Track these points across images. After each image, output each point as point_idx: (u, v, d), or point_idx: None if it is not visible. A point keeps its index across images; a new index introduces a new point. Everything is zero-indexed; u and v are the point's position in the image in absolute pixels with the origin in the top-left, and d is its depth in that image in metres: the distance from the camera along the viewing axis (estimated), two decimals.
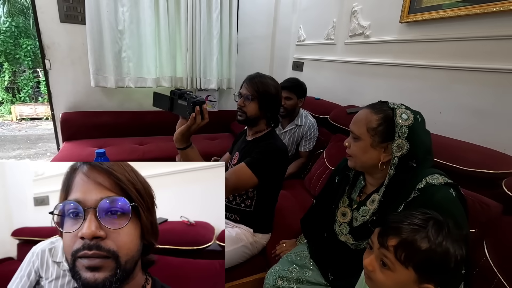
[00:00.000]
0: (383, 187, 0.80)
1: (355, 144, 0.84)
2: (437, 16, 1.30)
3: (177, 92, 0.89)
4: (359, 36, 1.86)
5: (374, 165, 0.82)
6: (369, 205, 0.86)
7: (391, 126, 0.77)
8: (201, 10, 2.33)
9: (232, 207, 1.22)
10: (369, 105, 0.85)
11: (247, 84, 1.13)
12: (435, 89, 1.38)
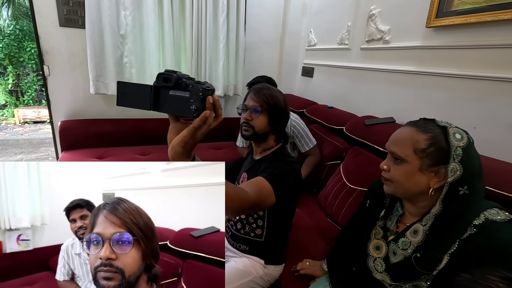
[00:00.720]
0: (431, 217, 0.68)
1: (397, 168, 0.72)
2: (472, 20, 1.16)
3: (171, 76, 0.51)
4: (377, 41, 1.73)
5: (420, 192, 0.71)
6: (410, 236, 0.73)
7: (443, 148, 0.66)
8: (207, 14, 2.22)
9: (240, 236, 1.09)
10: (410, 123, 0.74)
11: (254, 95, 1.00)
12: (468, 101, 1.24)
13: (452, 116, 1.30)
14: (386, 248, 0.79)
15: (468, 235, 0.62)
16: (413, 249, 0.71)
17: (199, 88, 0.50)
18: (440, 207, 0.67)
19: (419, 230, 0.71)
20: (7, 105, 6.76)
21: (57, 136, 2.15)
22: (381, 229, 0.83)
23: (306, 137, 1.73)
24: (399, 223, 0.79)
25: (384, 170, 0.75)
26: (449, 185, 0.66)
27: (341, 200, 1.40)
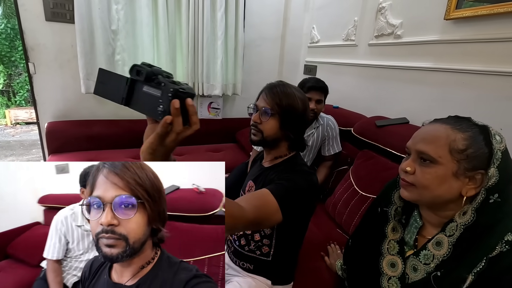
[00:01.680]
0: (460, 228, 0.59)
1: (425, 171, 0.61)
2: (499, 10, 1.05)
3: (144, 69, 0.44)
4: (387, 36, 1.61)
5: (450, 200, 0.61)
6: (433, 249, 0.63)
7: (483, 150, 0.57)
8: (204, 9, 2.09)
9: (243, 253, 0.95)
10: (441, 120, 0.64)
11: (266, 94, 0.86)
12: (493, 100, 1.13)
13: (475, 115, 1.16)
14: (402, 265, 0.69)
15: (499, 253, 0.53)
16: (436, 263, 0.62)
17: (170, 88, 0.43)
18: (473, 217, 0.58)
19: (443, 241, 0.62)
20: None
21: (44, 138, 2.01)
22: (396, 243, 0.72)
23: (336, 141, 1.62)
24: (418, 236, 0.69)
25: (407, 172, 0.64)
26: (486, 192, 0.57)
27: (352, 208, 1.28)
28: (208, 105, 2.47)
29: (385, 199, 0.78)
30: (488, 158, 0.57)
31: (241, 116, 2.59)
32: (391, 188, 0.77)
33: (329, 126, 1.61)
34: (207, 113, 2.48)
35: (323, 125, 1.60)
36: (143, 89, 0.46)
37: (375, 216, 0.80)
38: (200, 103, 2.44)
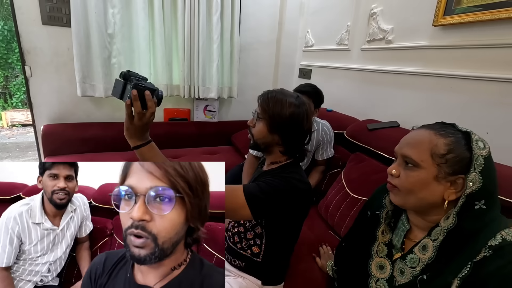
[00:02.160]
0: (443, 232, 0.61)
1: (409, 174, 0.64)
2: (485, 17, 1.08)
3: (123, 73, 0.71)
4: (379, 41, 1.64)
5: (433, 204, 0.63)
6: (419, 252, 0.65)
7: (464, 155, 0.59)
8: (200, 13, 2.11)
9: (236, 250, 0.98)
10: (427, 126, 0.66)
11: (259, 99, 0.90)
12: (480, 104, 1.16)
13: (462, 120, 1.20)
14: (390, 268, 0.71)
15: (483, 258, 0.54)
16: (422, 267, 0.63)
17: (133, 83, 0.69)
18: (454, 221, 0.59)
19: (428, 245, 0.63)
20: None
21: (40, 141, 2.02)
22: (385, 246, 0.75)
23: (330, 146, 1.65)
24: (406, 239, 0.71)
25: (393, 175, 0.67)
26: (466, 197, 0.58)
27: (344, 211, 1.30)
28: (204, 108, 2.49)
29: (377, 202, 0.80)
30: (469, 163, 0.59)
31: (237, 119, 2.62)
32: (382, 191, 0.79)
33: (323, 131, 1.63)
34: (203, 116, 2.50)
35: (317, 130, 1.63)
36: (128, 87, 0.70)
37: (366, 219, 0.82)
38: (196, 106, 2.46)
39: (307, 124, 0.89)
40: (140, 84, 0.69)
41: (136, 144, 0.74)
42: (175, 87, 2.28)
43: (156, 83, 2.17)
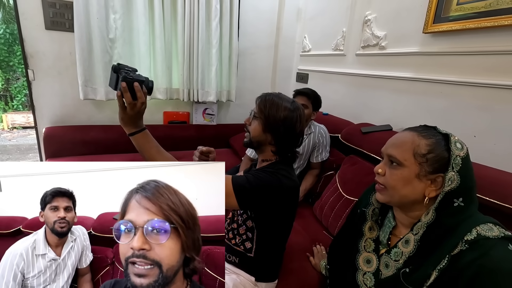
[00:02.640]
0: (423, 226, 0.65)
1: (393, 172, 0.69)
2: (471, 26, 1.13)
3: (113, 66, 0.77)
4: (373, 47, 1.69)
5: (415, 201, 0.68)
6: (402, 246, 0.70)
7: (443, 155, 0.64)
8: (199, 18, 2.17)
9: (230, 246, 1.02)
10: (411, 128, 0.71)
11: (257, 100, 0.96)
12: (468, 109, 1.20)
13: (451, 123, 1.26)
14: (377, 262, 0.76)
15: (459, 251, 0.59)
16: (404, 260, 0.68)
17: (122, 75, 0.73)
18: (433, 216, 0.64)
19: (410, 239, 0.68)
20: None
21: (41, 143, 2.06)
22: (372, 241, 0.79)
23: (325, 149, 1.70)
24: (391, 235, 0.76)
25: (379, 174, 0.72)
26: (444, 194, 0.63)
27: (337, 211, 1.34)
28: (203, 111, 2.53)
29: (364, 200, 0.85)
30: (447, 162, 0.63)
31: (235, 122, 2.66)
32: (370, 191, 0.85)
33: (320, 134, 1.68)
34: (201, 119, 2.54)
35: (314, 133, 1.67)
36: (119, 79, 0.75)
37: (355, 216, 0.86)
38: (195, 109, 2.50)
39: (299, 128, 0.93)
40: (128, 76, 0.73)
41: (131, 131, 0.80)
42: (174, 91, 2.32)
43: (156, 86, 2.22)
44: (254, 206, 0.89)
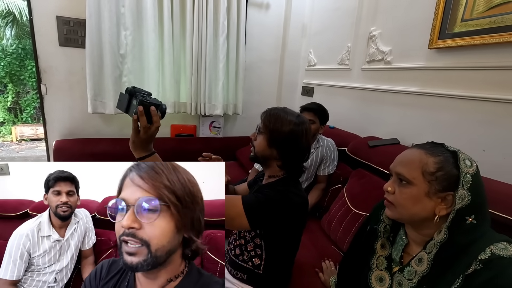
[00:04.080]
0: (436, 245, 0.64)
1: (403, 191, 0.68)
2: (476, 42, 1.15)
3: (129, 89, 0.76)
4: (378, 62, 1.72)
5: (426, 219, 0.67)
6: (415, 265, 0.68)
7: (452, 173, 0.63)
8: (207, 34, 2.23)
9: (237, 263, 1.01)
10: (417, 145, 0.71)
11: (262, 115, 0.96)
12: (476, 123, 1.20)
13: (460, 138, 1.26)
14: (389, 280, 0.74)
15: (473, 271, 0.57)
16: (418, 279, 0.67)
17: (139, 99, 0.73)
18: (446, 234, 0.63)
19: (423, 258, 0.67)
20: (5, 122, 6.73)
21: (51, 155, 2.09)
22: (384, 259, 0.78)
23: (332, 162, 1.70)
24: (404, 253, 0.75)
25: (388, 192, 0.71)
26: (455, 212, 0.62)
27: (346, 226, 1.33)
28: (210, 124, 2.56)
29: (375, 217, 0.84)
30: (457, 180, 0.63)
31: (242, 135, 2.68)
32: (380, 207, 0.84)
33: (328, 147, 1.69)
34: (208, 132, 2.57)
35: (322, 147, 1.68)
36: (133, 102, 0.75)
37: (365, 233, 0.86)
38: (202, 122, 2.53)
39: (305, 142, 0.93)
40: (145, 100, 0.74)
41: (140, 156, 0.78)
42: (182, 104, 2.36)
43: (164, 100, 2.26)
44: (265, 226, 0.88)
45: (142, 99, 0.73)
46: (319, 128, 1.65)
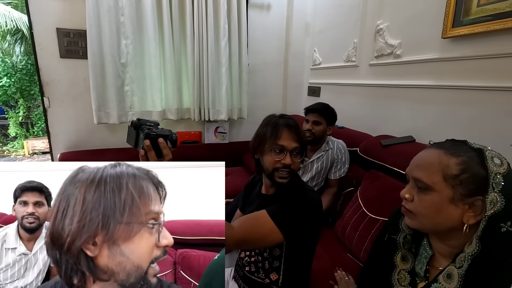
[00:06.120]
0: (467, 259, 0.55)
1: (422, 198, 0.59)
2: (496, 27, 1.05)
3: (133, 123, 0.69)
4: (387, 56, 1.63)
5: (453, 228, 0.58)
6: (444, 281, 0.59)
7: (479, 174, 0.54)
8: (208, 39, 2.18)
9: (252, 279, 0.93)
10: (436, 144, 0.62)
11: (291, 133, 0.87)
12: (500, 115, 1.10)
13: (483, 132, 1.16)
14: None
15: None
16: None
17: (144, 132, 0.65)
18: (478, 246, 0.54)
19: (453, 273, 0.57)
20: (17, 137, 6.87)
21: None
22: (407, 273, 0.68)
23: (343, 165, 1.61)
24: (429, 266, 0.65)
25: (406, 199, 0.62)
26: (487, 219, 0.53)
27: (362, 232, 1.24)
28: (215, 130, 2.50)
29: (393, 226, 0.75)
30: (486, 182, 0.54)
31: (248, 139, 2.57)
32: (398, 214, 0.74)
33: (338, 149, 1.61)
34: (214, 138, 2.51)
35: (333, 149, 1.60)
36: (140, 136, 0.67)
37: (383, 244, 0.77)
38: (206, 128, 2.48)
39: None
40: (152, 132, 0.65)
41: None
42: (185, 111, 2.32)
43: (167, 107, 2.22)
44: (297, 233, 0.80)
45: (148, 131, 0.64)
46: (326, 129, 1.57)
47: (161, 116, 2.20)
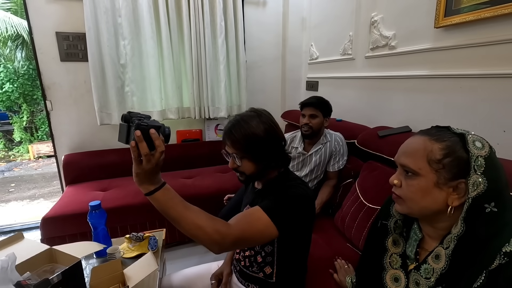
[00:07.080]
0: (453, 239, 0.58)
1: (410, 183, 0.62)
2: (487, 15, 1.06)
3: (123, 116, 0.64)
4: (382, 48, 1.64)
5: (438, 211, 0.60)
6: (432, 262, 0.62)
7: (462, 158, 0.57)
8: (205, 36, 2.21)
9: (248, 274, 0.95)
10: (422, 131, 0.64)
11: (227, 139, 0.85)
12: (493, 102, 1.11)
13: (477, 119, 1.17)
14: (405, 280, 0.68)
15: (498, 265, 0.51)
16: (436, 277, 0.60)
17: (135, 123, 0.61)
18: (462, 227, 0.57)
19: (441, 254, 0.60)
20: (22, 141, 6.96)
21: (61, 170, 2.12)
22: (398, 256, 0.72)
23: (342, 157, 1.63)
24: (419, 249, 0.68)
25: (395, 185, 0.65)
26: (471, 200, 0.56)
27: (360, 222, 1.26)
28: (215, 127, 2.53)
29: (385, 212, 0.78)
30: (468, 165, 0.56)
31: None
32: (390, 201, 0.77)
33: (336, 142, 1.63)
34: (214, 135, 2.54)
35: (331, 142, 1.62)
36: (131, 129, 0.63)
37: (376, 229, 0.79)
38: (207, 126, 2.51)
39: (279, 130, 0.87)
40: (142, 123, 0.62)
41: (148, 190, 0.64)
42: (185, 109, 2.34)
43: (167, 107, 2.25)
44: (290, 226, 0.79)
45: (139, 122, 0.61)
46: (323, 122, 1.58)
47: (162, 116, 2.23)
